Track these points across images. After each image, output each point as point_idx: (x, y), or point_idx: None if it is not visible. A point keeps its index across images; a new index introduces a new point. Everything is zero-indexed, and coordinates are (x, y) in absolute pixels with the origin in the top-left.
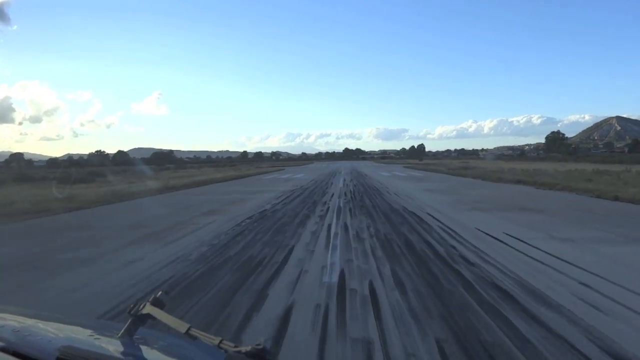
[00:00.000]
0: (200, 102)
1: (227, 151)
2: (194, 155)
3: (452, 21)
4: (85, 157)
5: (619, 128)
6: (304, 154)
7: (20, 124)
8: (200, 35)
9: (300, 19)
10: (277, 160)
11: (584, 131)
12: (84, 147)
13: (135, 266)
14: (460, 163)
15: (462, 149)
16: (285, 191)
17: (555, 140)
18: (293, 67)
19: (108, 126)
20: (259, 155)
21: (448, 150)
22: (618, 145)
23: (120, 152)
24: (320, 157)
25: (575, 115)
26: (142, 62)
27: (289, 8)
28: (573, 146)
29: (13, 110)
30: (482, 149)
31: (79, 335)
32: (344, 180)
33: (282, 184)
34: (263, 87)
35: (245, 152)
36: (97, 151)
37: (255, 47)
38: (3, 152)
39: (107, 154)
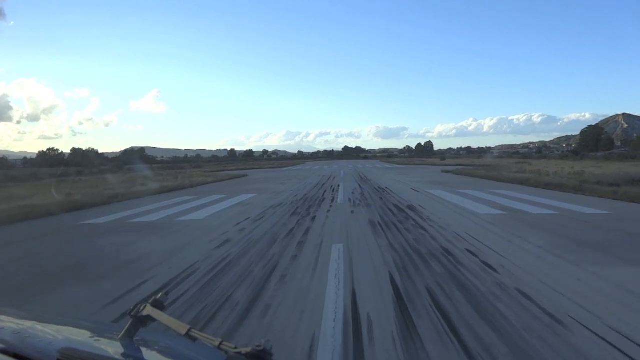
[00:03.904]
0: (200, 100)
1: (225, 150)
2: (185, 155)
3: (452, 19)
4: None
5: (625, 125)
6: (299, 152)
7: (18, 122)
8: (200, 33)
9: (299, 18)
10: (269, 159)
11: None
12: (82, 146)
13: None
14: (520, 164)
15: (469, 147)
16: None
17: (597, 135)
18: (293, 66)
19: (107, 124)
20: (249, 153)
21: (450, 149)
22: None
23: (74, 150)
24: (317, 155)
25: (576, 114)
26: (140, 59)
27: (289, 6)
28: None
29: (11, 108)
30: (487, 147)
31: (79, 336)
32: None
33: None
34: (263, 86)
35: (233, 150)
36: (49, 149)
37: (254, 46)
38: (2, 151)
39: (62, 152)
